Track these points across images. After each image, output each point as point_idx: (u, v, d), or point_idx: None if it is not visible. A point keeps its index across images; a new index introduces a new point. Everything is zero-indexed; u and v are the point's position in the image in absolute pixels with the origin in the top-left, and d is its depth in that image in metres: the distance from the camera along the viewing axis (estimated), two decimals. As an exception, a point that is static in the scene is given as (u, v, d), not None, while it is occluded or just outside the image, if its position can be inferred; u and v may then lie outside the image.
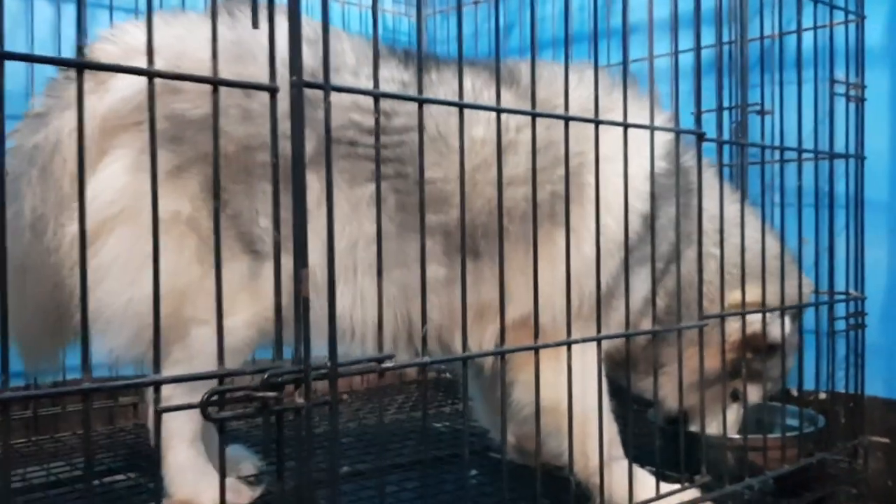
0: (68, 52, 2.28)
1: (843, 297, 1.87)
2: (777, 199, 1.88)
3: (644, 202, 1.51)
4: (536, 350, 1.19)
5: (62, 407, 2.28)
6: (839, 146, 1.89)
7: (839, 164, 1.92)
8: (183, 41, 1.43)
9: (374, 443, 2.12)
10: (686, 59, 2.26)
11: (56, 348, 1.62)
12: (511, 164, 1.48)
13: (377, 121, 0.98)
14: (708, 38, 2.02)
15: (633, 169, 1.43)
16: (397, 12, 3.18)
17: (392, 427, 2.27)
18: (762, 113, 2.08)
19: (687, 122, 2.22)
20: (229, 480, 1.62)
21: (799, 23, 1.82)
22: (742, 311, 1.57)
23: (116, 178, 1.39)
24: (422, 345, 1.04)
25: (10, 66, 0.72)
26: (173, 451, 1.54)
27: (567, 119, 1.22)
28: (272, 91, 0.89)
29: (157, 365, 0.82)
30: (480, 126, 1.48)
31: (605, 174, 1.44)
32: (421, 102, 1.03)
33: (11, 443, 2.19)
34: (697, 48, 1.68)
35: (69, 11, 2.40)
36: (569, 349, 1.23)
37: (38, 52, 2.28)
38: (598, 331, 1.28)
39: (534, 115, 1.18)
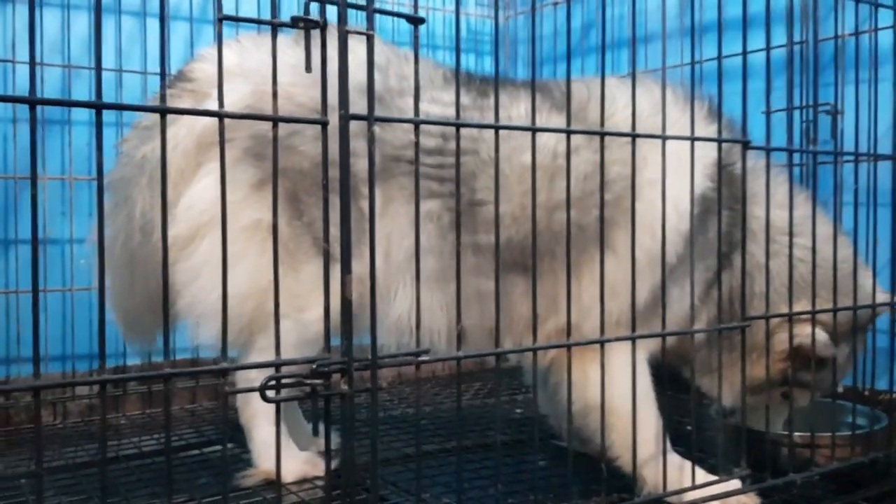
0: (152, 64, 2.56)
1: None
2: (848, 199, 1.89)
3: (688, 223, 1.57)
4: (569, 347, 1.30)
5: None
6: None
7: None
8: (267, 66, 1.60)
9: (444, 427, 2.29)
10: (760, 59, 2.30)
11: (156, 332, 1.85)
12: (559, 188, 1.58)
13: (416, 144, 1.11)
14: (779, 38, 2.05)
15: (676, 190, 1.51)
16: (480, 15, 3.30)
17: (464, 412, 2.45)
18: (833, 113, 2.09)
19: (757, 121, 2.27)
20: (306, 454, 1.83)
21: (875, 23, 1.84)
22: (789, 313, 1.62)
23: (208, 189, 1.58)
24: (457, 341, 1.17)
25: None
26: (258, 428, 1.75)
27: (603, 134, 1.32)
28: (324, 124, 1.04)
29: (224, 354, 0.99)
30: (529, 152, 1.58)
31: (648, 198, 1.52)
32: (458, 127, 1.15)
33: (128, 414, 2.50)
34: (767, 48, 1.72)
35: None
36: (602, 347, 1.33)
37: (126, 63, 2.56)
38: (633, 330, 1.37)
39: (568, 133, 1.28)
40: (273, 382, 1.00)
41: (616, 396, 1.54)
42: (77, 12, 2.55)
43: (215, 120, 1.51)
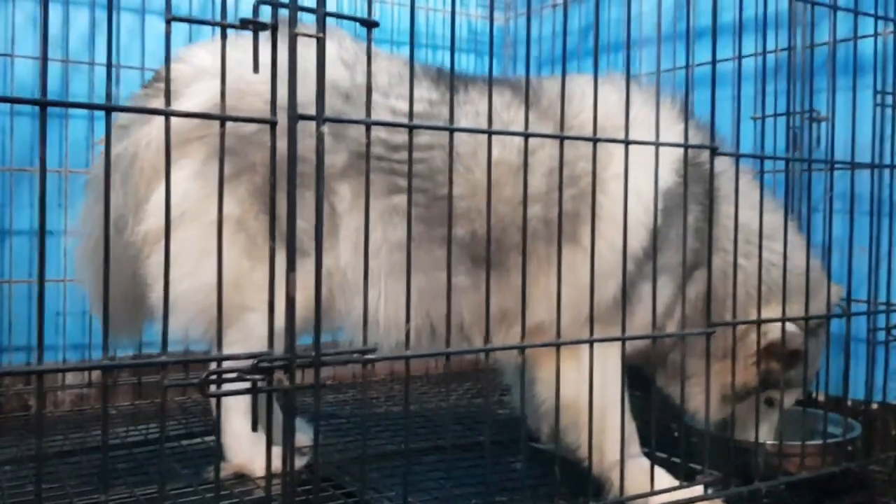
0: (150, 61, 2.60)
1: (883, 307, 1.86)
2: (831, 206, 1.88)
3: (654, 217, 1.58)
4: (522, 350, 1.31)
5: (163, 376, 2.61)
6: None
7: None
8: (242, 65, 1.62)
9: (425, 426, 2.30)
10: (752, 64, 2.29)
11: (136, 325, 1.88)
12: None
13: (367, 146, 1.12)
14: (774, 44, 2.03)
15: (642, 185, 1.51)
16: (482, 16, 3.31)
17: (449, 411, 2.48)
18: (816, 119, 2.08)
19: (745, 126, 2.26)
20: (276, 448, 1.85)
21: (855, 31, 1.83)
22: (758, 320, 1.62)
23: (181, 184, 1.60)
24: (405, 340, 1.18)
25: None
26: (230, 422, 1.77)
27: (562, 138, 1.32)
28: (272, 124, 1.06)
29: (164, 347, 1.01)
30: (495, 148, 1.57)
31: (613, 192, 1.53)
32: (411, 129, 1.17)
33: (118, 405, 2.53)
34: (739, 56, 1.73)
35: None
36: (557, 350, 1.34)
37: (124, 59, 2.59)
38: (592, 333, 1.37)
39: (526, 136, 1.29)
40: (214, 377, 1.01)
41: (585, 395, 1.54)
42: (77, 8, 2.59)
43: (188, 118, 1.56)
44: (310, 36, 1.05)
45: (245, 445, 1.74)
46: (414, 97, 1.64)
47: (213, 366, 1.03)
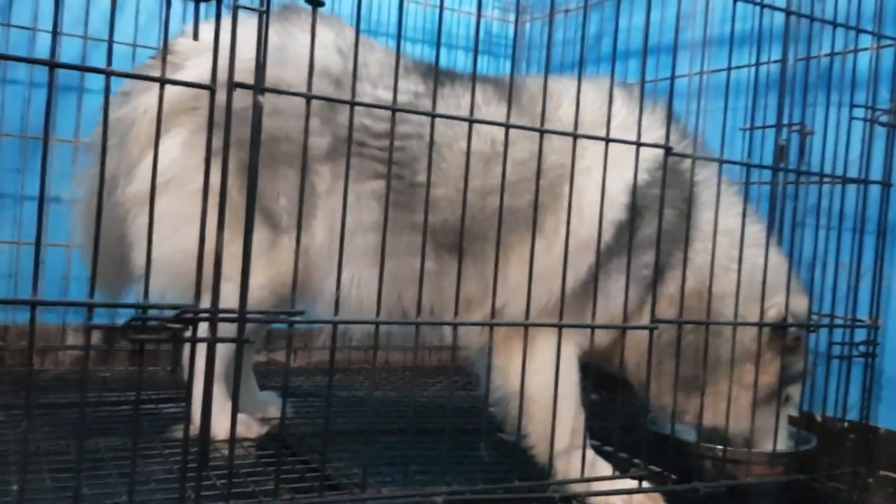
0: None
1: (841, 322, 1.86)
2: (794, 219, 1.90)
3: (618, 212, 1.62)
4: (455, 326, 1.36)
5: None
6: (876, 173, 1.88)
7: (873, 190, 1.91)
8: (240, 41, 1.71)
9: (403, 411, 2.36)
10: (745, 76, 2.30)
11: (123, 283, 1.96)
12: (494, 174, 1.63)
13: (307, 119, 1.18)
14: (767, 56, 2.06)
15: (610, 180, 1.55)
16: (496, 17, 3.37)
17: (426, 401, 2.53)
18: (804, 133, 2.09)
19: (735, 138, 2.28)
20: (242, 416, 1.91)
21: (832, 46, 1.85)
22: (706, 321, 1.64)
23: (170, 151, 1.69)
24: (335, 306, 1.24)
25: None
26: (198, 385, 1.84)
27: (508, 126, 1.37)
28: (211, 90, 1.12)
29: (92, 290, 1.08)
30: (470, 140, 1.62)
31: (581, 185, 1.57)
32: (353, 104, 1.22)
33: (114, 369, 2.63)
34: (729, 67, 1.76)
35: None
36: (491, 330, 1.39)
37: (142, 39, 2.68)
38: (527, 317, 1.41)
39: (471, 121, 1.33)
40: (137, 323, 1.08)
41: (536, 385, 1.59)
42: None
43: (185, 89, 1.62)
44: (252, 10, 1.12)
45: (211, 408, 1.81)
46: (399, 89, 1.70)
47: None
